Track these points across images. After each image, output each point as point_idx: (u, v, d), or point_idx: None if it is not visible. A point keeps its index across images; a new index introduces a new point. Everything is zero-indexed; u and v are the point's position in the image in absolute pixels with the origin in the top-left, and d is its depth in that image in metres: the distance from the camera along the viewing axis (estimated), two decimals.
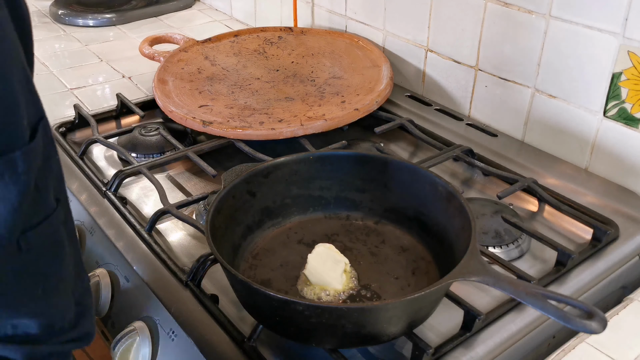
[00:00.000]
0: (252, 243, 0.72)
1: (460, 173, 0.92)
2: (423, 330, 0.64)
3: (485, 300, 0.68)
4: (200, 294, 0.69)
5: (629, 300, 0.69)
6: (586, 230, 0.78)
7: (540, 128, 0.96)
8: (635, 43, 0.80)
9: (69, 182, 0.94)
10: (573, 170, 0.91)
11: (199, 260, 0.70)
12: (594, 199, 0.84)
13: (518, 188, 0.83)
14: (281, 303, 0.55)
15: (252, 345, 0.62)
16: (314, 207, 0.76)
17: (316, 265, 0.65)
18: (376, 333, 0.56)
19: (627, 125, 0.84)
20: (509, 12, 0.94)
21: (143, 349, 0.68)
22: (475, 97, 1.05)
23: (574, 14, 0.85)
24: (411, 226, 0.73)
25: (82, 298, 0.55)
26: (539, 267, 0.74)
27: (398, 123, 0.99)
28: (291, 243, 0.72)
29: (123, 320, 0.75)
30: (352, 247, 0.72)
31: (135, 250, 0.78)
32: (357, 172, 0.74)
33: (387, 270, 0.68)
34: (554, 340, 0.69)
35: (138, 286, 0.74)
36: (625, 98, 0.83)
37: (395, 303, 0.56)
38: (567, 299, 0.51)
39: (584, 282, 0.71)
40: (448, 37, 1.06)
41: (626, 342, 0.63)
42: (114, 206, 0.85)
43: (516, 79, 0.97)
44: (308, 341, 0.57)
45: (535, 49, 0.92)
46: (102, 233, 0.83)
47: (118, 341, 0.68)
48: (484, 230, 0.77)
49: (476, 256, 0.57)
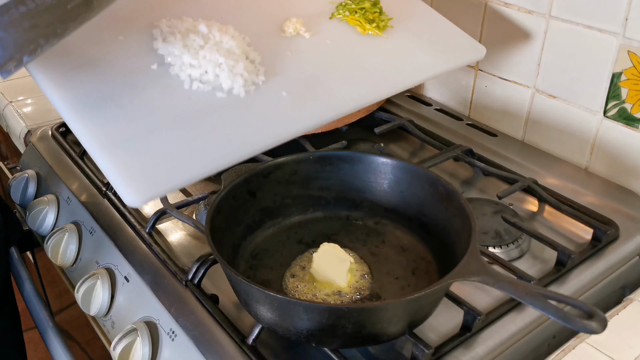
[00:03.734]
0: (252, 243, 0.72)
1: (460, 173, 0.92)
2: (423, 330, 0.64)
3: (485, 300, 0.68)
4: (200, 294, 0.69)
5: (629, 300, 0.69)
6: (586, 230, 0.78)
7: (540, 128, 0.96)
8: (635, 43, 0.80)
9: (69, 182, 0.94)
10: (573, 170, 0.91)
11: (199, 260, 0.70)
12: (594, 199, 0.84)
13: (518, 188, 0.83)
14: (281, 303, 0.55)
15: (252, 345, 0.62)
16: (314, 207, 0.76)
17: (321, 264, 0.65)
18: (376, 333, 0.56)
19: (627, 125, 0.84)
20: (509, 12, 0.94)
21: (143, 349, 0.68)
22: (475, 97, 1.05)
23: (574, 14, 0.85)
24: (411, 226, 0.73)
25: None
26: (539, 267, 0.74)
27: (398, 123, 0.99)
28: (291, 243, 0.72)
29: (123, 320, 0.75)
30: (352, 247, 0.71)
31: (135, 250, 0.78)
32: (357, 172, 0.74)
33: (387, 270, 0.68)
34: (554, 340, 0.69)
35: (138, 286, 0.74)
36: (625, 98, 0.83)
37: (395, 303, 0.56)
38: (567, 299, 0.51)
39: (584, 282, 0.71)
40: None
41: (626, 342, 0.63)
42: (114, 206, 0.85)
43: (516, 79, 0.97)
44: (308, 341, 0.57)
45: (535, 49, 0.92)
46: (102, 233, 0.83)
47: (118, 341, 0.68)
48: (484, 230, 0.77)
49: (476, 256, 0.57)
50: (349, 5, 0.88)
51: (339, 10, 0.88)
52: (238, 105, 0.70)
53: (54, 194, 0.95)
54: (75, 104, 0.64)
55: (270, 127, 0.69)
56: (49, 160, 1.00)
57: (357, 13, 0.86)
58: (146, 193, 0.59)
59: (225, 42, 0.73)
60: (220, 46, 0.72)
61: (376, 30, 0.85)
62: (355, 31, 0.86)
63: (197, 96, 0.69)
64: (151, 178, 0.60)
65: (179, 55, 0.71)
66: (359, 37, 0.85)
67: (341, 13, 0.87)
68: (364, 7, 0.87)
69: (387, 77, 0.80)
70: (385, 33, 0.86)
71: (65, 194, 0.93)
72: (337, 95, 0.75)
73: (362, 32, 0.85)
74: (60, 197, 0.94)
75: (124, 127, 0.63)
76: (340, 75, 0.78)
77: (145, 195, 0.59)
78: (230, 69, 0.70)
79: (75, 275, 0.86)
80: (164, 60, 0.72)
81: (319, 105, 0.73)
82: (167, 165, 0.62)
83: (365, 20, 0.86)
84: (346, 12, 0.87)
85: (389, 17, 0.89)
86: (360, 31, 0.86)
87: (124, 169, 0.60)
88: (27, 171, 1.01)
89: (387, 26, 0.87)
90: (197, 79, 0.70)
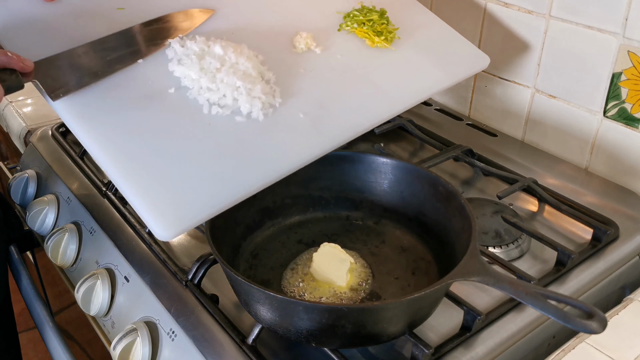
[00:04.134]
0: (252, 243, 0.72)
1: (460, 173, 0.92)
2: (423, 330, 0.64)
3: (485, 300, 0.68)
4: (200, 294, 0.69)
5: (629, 300, 0.69)
6: (586, 230, 0.78)
7: (540, 128, 0.96)
8: (635, 43, 0.80)
9: (69, 182, 0.94)
10: (573, 170, 0.91)
11: (199, 260, 0.70)
12: (594, 199, 0.84)
13: (518, 188, 0.83)
14: (281, 303, 0.55)
15: (252, 345, 0.62)
16: (314, 207, 0.76)
17: (321, 264, 0.65)
18: (376, 333, 0.56)
19: (627, 125, 0.84)
20: (509, 12, 0.94)
21: (143, 349, 0.68)
22: (475, 97, 1.05)
23: (574, 14, 0.85)
24: (411, 226, 0.73)
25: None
26: (539, 267, 0.74)
27: (398, 123, 0.99)
28: (291, 243, 0.72)
29: (123, 320, 0.75)
30: (352, 247, 0.72)
31: (135, 250, 0.78)
32: (357, 172, 0.74)
33: (387, 270, 0.68)
34: (554, 340, 0.69)
35: (138, 286, 0.74)
36: (625, 98, 0.83)
37: (395, 303, 0.56)
38: (567, 299, 0.51)
39: (584, 282, 0.71)
40: None
41: (626, 342, 0.63)
42: (114, 206, 0.85)
43: (516, 79, 0.97)
44: (308, 341, 0.57)
45: (535, 49, 0.92)
46: (102, 233, 0.83)
47: (118, 341, 0.68)
48: (484, 230, 0.77)
49: (476, 256, 0.57)
50: (357, 17, 0.87)
51: (347, 22, 0.87)
52: (258, 129, 0.70)
53: (54, 194, 0.95)
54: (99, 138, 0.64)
55: (290, 151, 0.69)
56: (49, 160, 1.00)
57: (365, 25, 0.86)
58: (177, 227, 0.60)
59: (241, 63, 0.73)
60: (237, 68, 0.72)
61: (384, 43, 0.85)
62: (364, 43, 0.85)
63: (217, 121, 0.69)
64: (180, 211, 0.61)
65: (196, 79, 0.70)
66: (368, 50, 0.85)
67: (349, 25, 0.87)
68: (372, 18, 0.86)
69: (399, 93, 0.81)
70: (393, 45, 0.86)
71: (65, 194, 0.93)
72: (353, 114, 0.76)
73: (371, 44, 0.85)
74: (60, 197, 0.94)
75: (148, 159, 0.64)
76: (355, 93, 0.78)
77: (176, 230, 0.60)
78: (248, 92, 0.70)
79: (75, 275, 0.86)
80: (180, 83, 0.71)
81: (336, 126, 0.73)
82: (194, 196, 0.62)
83: (374, 32, 0.85)
84: (354, 24, 0.86)
85: (395, 28, 0.88)
86: (369, 44, 0.85)
87: (152, 204, 0.60)
88: (27, 171, 1.01)
89: (394, 37, 0.87)
90: (215, 103, 0.70)
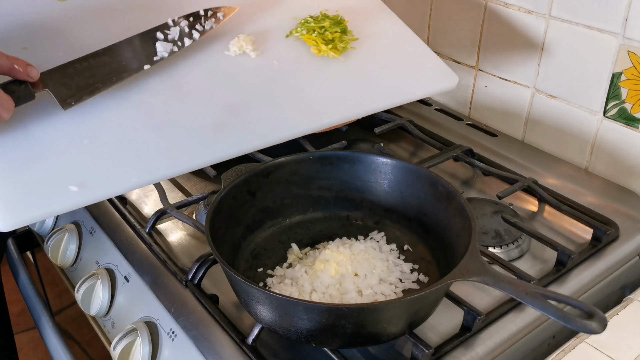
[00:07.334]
0: (252, 243, 0.72)
1: (460, 173, 0.92)
2: (423, 330, 0.64)
3: (485, 300, 0.68)
4: (200, 294, 0.69)
5: (629, 300, 0.69)
6: (586, 230, 0.78)
7: (540, 128, 0.96)
8: (635, 43, 0.80)
9: None
10: (573, 170, 0.91)
11: (199, 260, 0.70)
12: (594, 199, 0.84)
13: (518, 188, 0.83)
14: (281, 303, 0.55)
15: (252, 345, 0.62)
16: (314, 207, 0.76)
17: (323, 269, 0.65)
18: (376, 333, 0.56)
19: (627, 125, 0.84)
20: (508, 12, 0.94)
21: (143, 349, 0.68)
22: (475, 97, 1.05)
23: (574, 14, 0.85)
24: (411, 226, 0.73)
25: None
26: (539, 267, 0.74)
27: (398, 123, 0.99)
28: (291, 243, 0.72)
29: (123, 320, 0.75)
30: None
31: (135, 250, 0.78)
32: (357, 172, 0.74)
33: None
34: (554, 340, 0.69)
35: (138, 286, 0.74)
36: (625, 98, 0.83)
37: (395, 303, 0.56)
38: (567, 299, 0.51)
39: (584, 282, 0.71)
40: (448, 37, 1.06)
41: (626, 342, 0.63)
42: (114, 206, 0.85)
43: (516, 79, 0.97)
44: (308, 341, 0.57)
45: (535, 49, 0.92)
46: (102, 233, 0.83)
47: (118, 341, 0.68)
48: (484, 230, 0.77)
49: (476, 256, 0.57)
50: (309, 23, 0.81)
51: (297, 28, 0.81)
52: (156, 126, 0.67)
53: None
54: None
55: (184, 154, 0.66)
56: None
57: (316, 32, 0.79)
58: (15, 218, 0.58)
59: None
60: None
61: (333, 52, 0.78)
62: (310, 52, 0.79)
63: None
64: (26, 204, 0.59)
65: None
66: (312, 58, 0.78)
67: (299, 31, 0.81)
68: (324, 25, 0.80)
69: (330, 106, 0.74)
70: (345, 55, 0.79)
71: None
72: (263, 123, 0.70)
73: (317, 53, 0.79)
74: None
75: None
76: (273, 102, 0.72)
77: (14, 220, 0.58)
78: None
79: (75, 275, 0.86)
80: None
81: (239, 134, 0.69)
82: (41, 192, 0.60)
83: (323, 40, 0.79)
84: (303, 31, 0.80)
85: (353, 38, 0.81)
86: (315, 52, 0.79)
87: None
88: None
89: (347, 48, 0.80)
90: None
